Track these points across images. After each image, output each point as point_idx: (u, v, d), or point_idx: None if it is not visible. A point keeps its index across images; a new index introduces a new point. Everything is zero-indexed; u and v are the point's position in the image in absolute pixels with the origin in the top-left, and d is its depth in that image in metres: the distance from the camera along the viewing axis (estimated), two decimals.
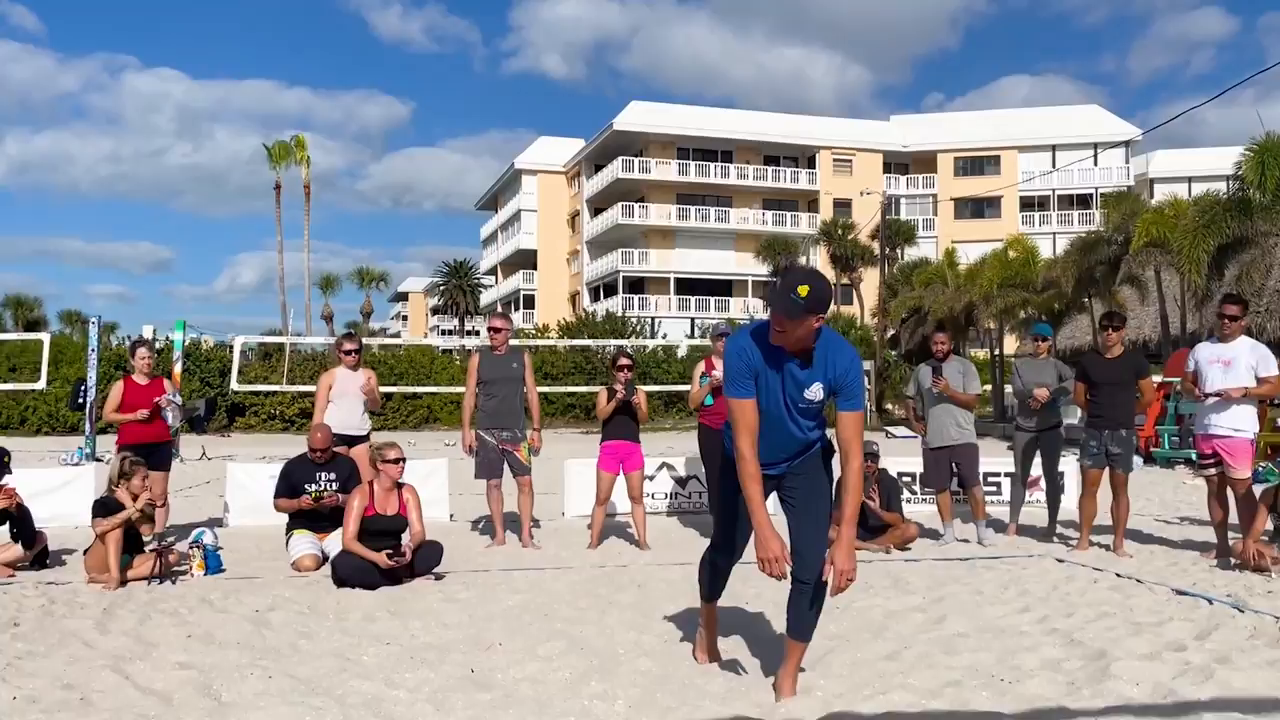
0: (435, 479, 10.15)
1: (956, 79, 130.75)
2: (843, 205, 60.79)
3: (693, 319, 58.31)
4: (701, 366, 8.64)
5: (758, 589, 6.34)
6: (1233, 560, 7.19)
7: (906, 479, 10.72)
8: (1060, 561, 7.44)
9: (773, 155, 63.38)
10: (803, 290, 3.72)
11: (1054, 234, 57.73)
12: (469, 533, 9.64)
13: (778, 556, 3.85)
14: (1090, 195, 61.58)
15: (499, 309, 74.15)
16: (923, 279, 36.34)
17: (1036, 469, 9.25)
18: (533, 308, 68.20)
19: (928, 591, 6.32)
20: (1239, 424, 7.22)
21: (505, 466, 8.48)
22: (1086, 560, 7.50)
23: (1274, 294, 21.83)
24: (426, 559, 6.95)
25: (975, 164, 63.71)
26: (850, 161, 62.96)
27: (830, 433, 4.12)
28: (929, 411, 8.59)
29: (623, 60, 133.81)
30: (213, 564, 7.24)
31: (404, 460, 7.10)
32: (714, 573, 4.65)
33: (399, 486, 7.09)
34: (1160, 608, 5.70)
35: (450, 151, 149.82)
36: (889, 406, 40.06)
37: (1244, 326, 7.43)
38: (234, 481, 10.11)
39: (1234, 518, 7.51)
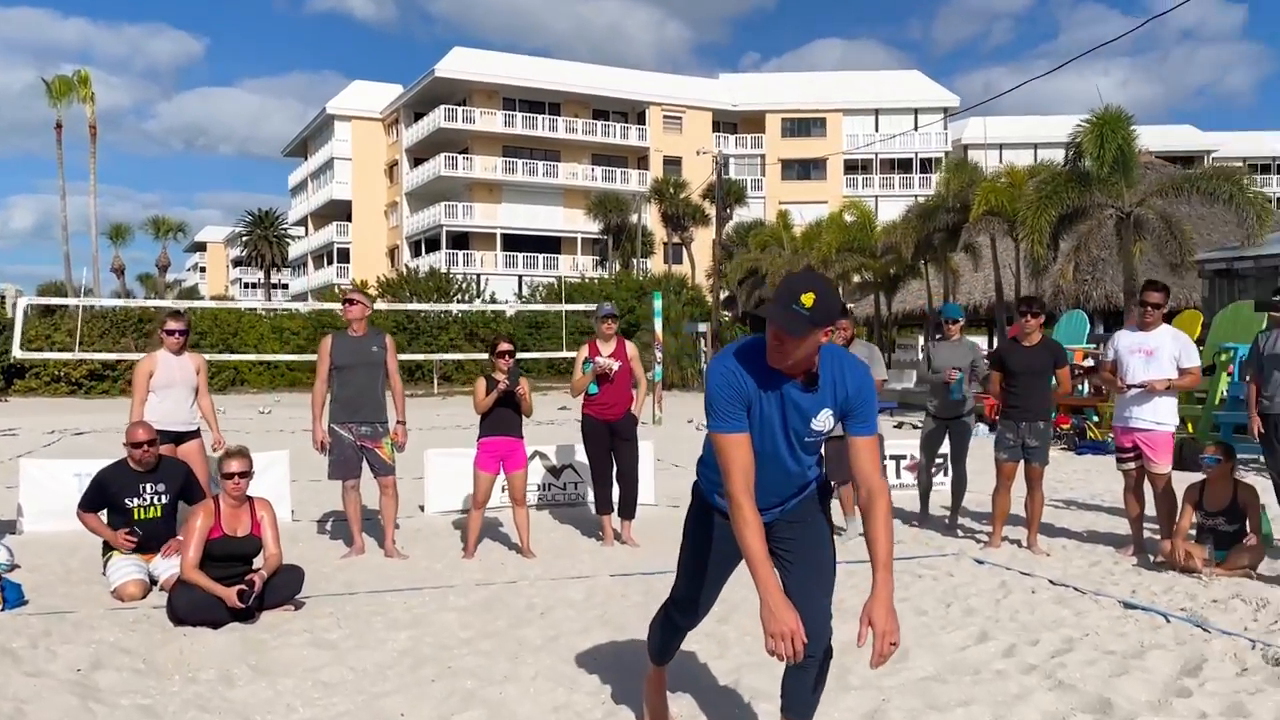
0: (274, 471, 8.96)
1: (773, 40, 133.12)
2: (673, 163, 60.70)
3: (520, 276, 57.17)
4: (584, 351, 7.84)
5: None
6: (1153, 558, 7.02)
7: None
8: (980, 563, 7.09)
9: (602, 110, 62.53)
10: (807, 299, 2.98)
11: (876, 197, 59.31)
12: (317, 535, 8.57)
13: (794, 631, 3.04)
14: (910, 160, 63.74)
15: (309, 262, 70.73)
16: (758, 241, 36.52)
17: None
18: (347, 262, 65.30)
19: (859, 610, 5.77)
20: (1161, 417, 7.01)
21: (364, 465, 7.49)
22: (1002, 559, 7.19)
23: (1103, 264, 22.72)
24: (285, 587, 5.93)
25: (802, 125, 64.75)
26: (680, 119, 62.83)
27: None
28: None
29: (435, 3, 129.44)
30: (11, 596, 5.98)
31: (251, 474, 6.02)
32: (670, 634, 3.89)
33: (249, 500, 6.02)
34: (1120, 628, 5.34)
35: (248, 92, 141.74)
36: None
37: (1164, 314, 7.21)
38: (29, 480, 8.66)
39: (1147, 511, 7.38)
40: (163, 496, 6.52)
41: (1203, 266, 19.02)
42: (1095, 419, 15.77)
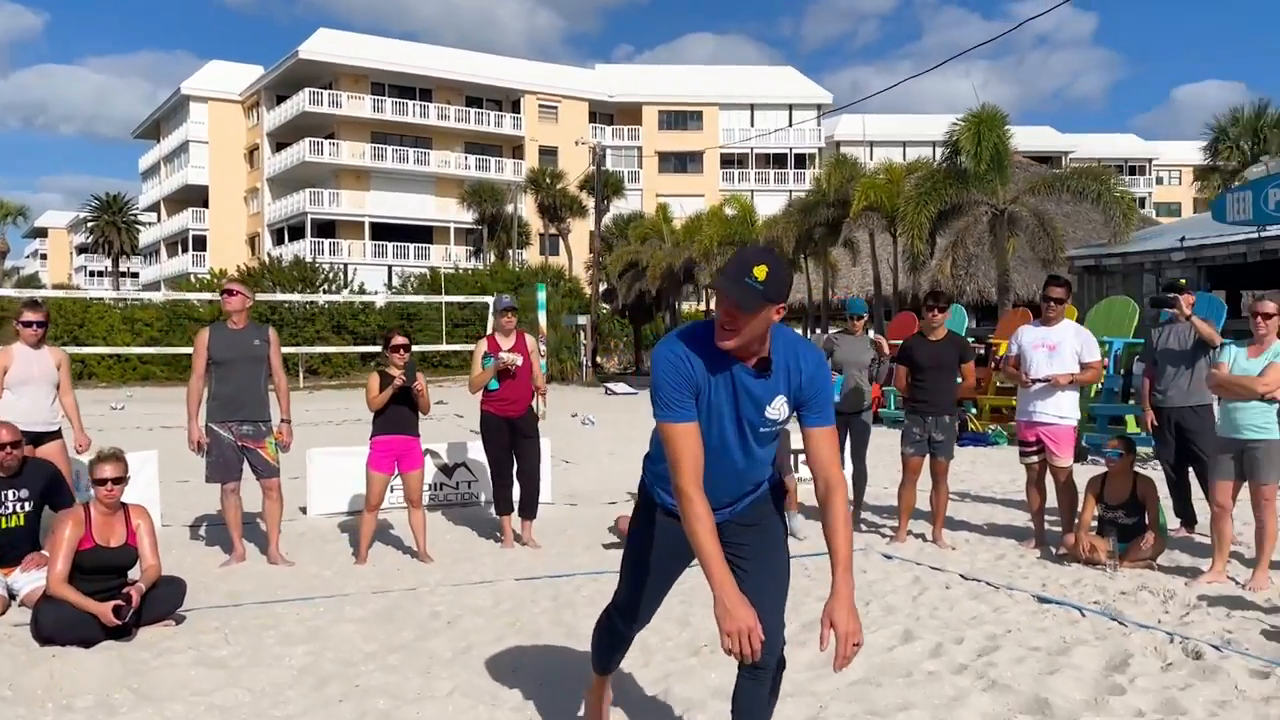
0: (144, 474, 8.37)
1: (645, 32, 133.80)
2: (549, 153, 60.24)
3: (390, 266, 55.85)
4: (483, 346, 7.57)
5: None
6: (1056, 551, 7.15)
7: None
8: (889, 558, 7.11)
9: (475, 97, 61.58)
10: (760, 272, 2.84)
11: (752, 191, 60.04)
12: (191, 542, 8.06)
13: (751, 628, 2.85)
14: (786, 155, 64.79)
15: (162, 249, 67.63)
16: (638, 233, 36.49)
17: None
18: (203, 250, 62.68)
19: (789, 611, 5.69)
20: (1064, 411, 7.15)
21: (244, 467, 7.06)
22: (910, 554, 7.23)
23: (976, 260, 23.42)
24: (165, 601, 5.51)
25: (679, 118, 65.12)
26: (556, 108, 62.39)
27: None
28: None
29: None
30: None
31: (126, 480, 5.56)
32: (613, 641, 3.72)
33: (124, 507, 5.56)
34: (1039, 623, 5.39)
35: (93, 71, 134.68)
36: (600, 361, 40.21)
37: (1066, 309, 7.36)
38: None
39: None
40: (25, 504, 5.98)
41: (1072, 263, 19.79)
42: (974, 411, 16.20)
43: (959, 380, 7.52)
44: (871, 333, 8.55)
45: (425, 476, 9.24)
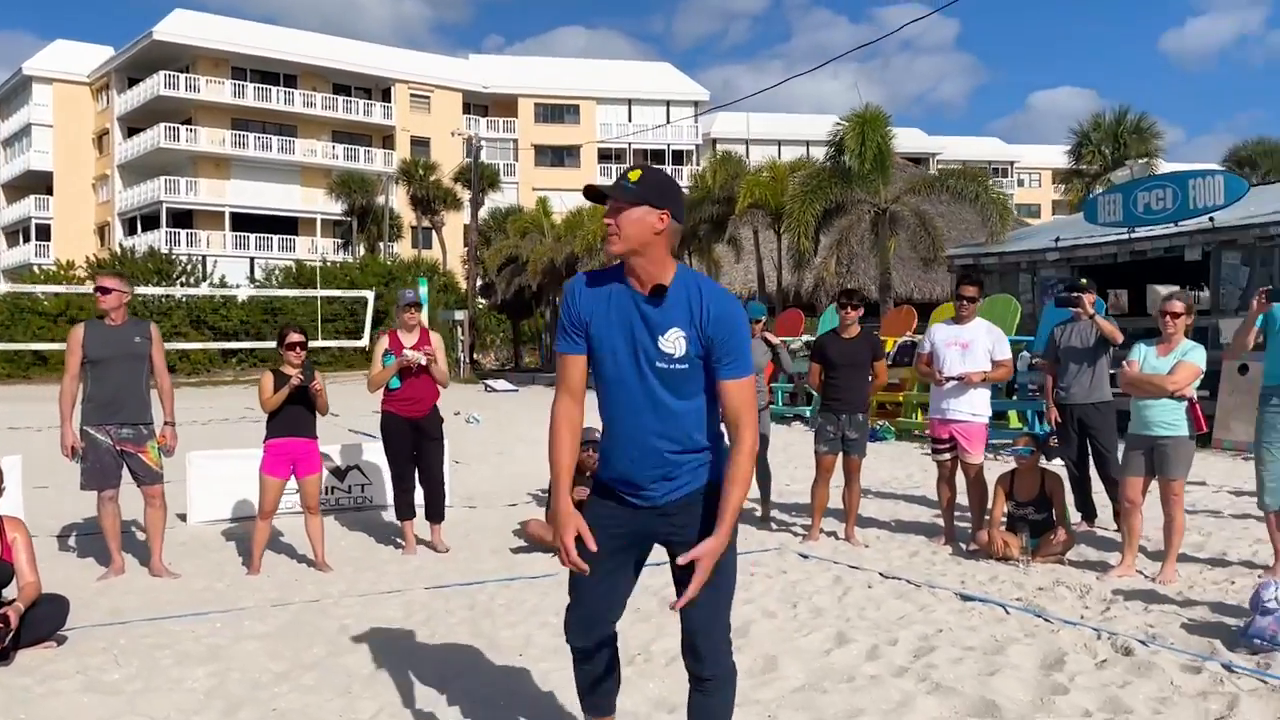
0: (7, 480, 7.76)
1: (516, 24, 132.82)
2: (421, 144, 59.17)
3: (253, 259, 53.96)
4: (384, 342, 7.27)
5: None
6: (966, 547, 7.27)
7: None
8: (805, 557, 7.10)
9: (343, 84, 60.04)
10: (633, 174, 2.99)
11: None
12: (60, 554, 7.53)
13: (566, 546, 3.05)
14: (663, 151, 65.11)
15: (2, 239, 63.77)
16: (518, 227, 36.10)
17: None
18: (47, 239, 59.42)
19: None
20: (976, 409, 7.26)
21: (123, 472, 6.61)
22: (825, 553, 7.24)
23: (857, 258, 23.88)
24: (46, 621, 5.09)
25: (555, 112, 64.77)
26: (428, 98, 61.29)
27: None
28: None
29: None
30: None
31: (2, 489, 5.11)
32: (579, 669, 3.38)
33: None
34: (967, 621, 5.42)
35: None
36: (477, 358, 39.66)
37: (978, 307, 7.49)
38: None
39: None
40: None
41: (952, 261, 20.36)
42: None
43: (871, 378, 7.58)
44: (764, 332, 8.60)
45: None
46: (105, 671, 4.75)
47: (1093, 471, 7.92)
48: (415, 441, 7.28)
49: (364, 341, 20.63)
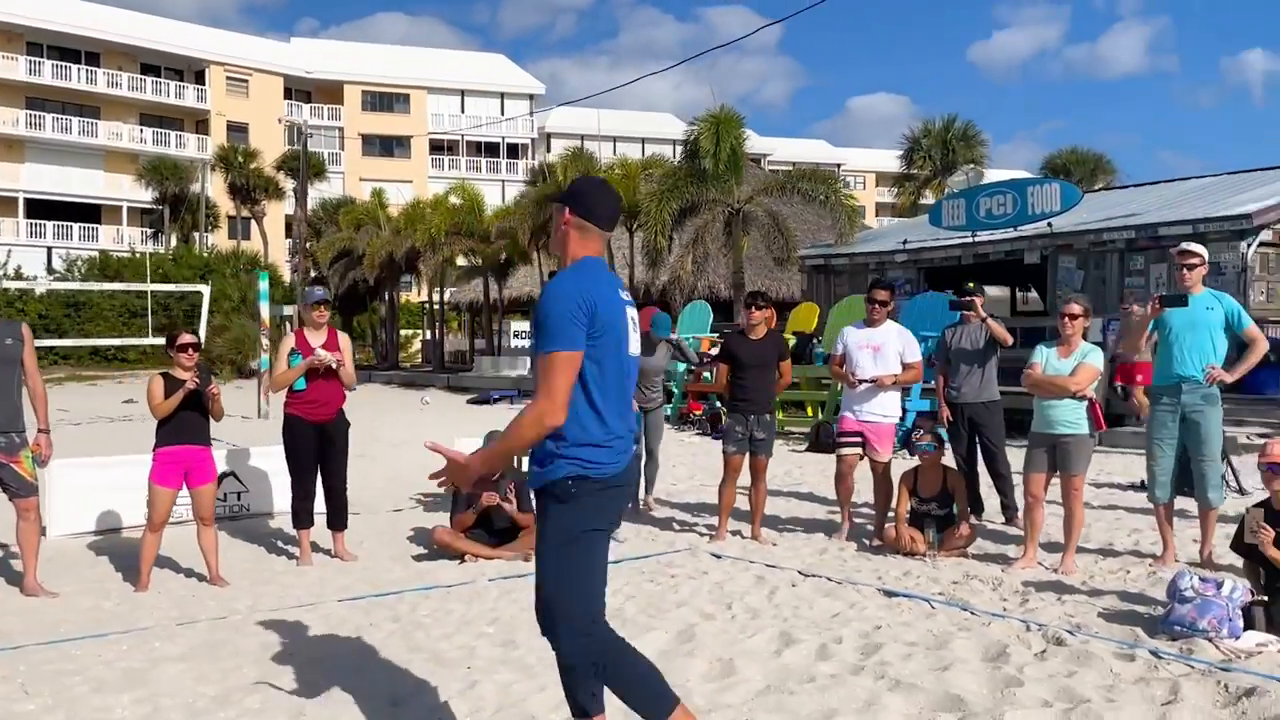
0: None
1: (332, 7, 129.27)
2: (239, 129, 56.74)
3: (51, 248, 50.59)
4: (290, 341, 6.99)
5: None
6: (870, 542, 7.53)
7: None
8: (718, 557, 7.21)
9: (152, 65, 56.88)
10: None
11: (463, 179, 59.35)
12: None
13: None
14: (498, 144, 64.54)
15: None
16: (350, 219, 35.10)
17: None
18: None
19: (648, 619, 5.63)
20: (887, 410, 7.53)
21: None
22: (735, 552, 7.37)
23: (709, 257, 24.29)
24: None
25: (384, 100, 63.25)
26: (246, 82, 58.80)
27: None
28: None
29: None
30: None
31: None
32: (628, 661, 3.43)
33: None
34: (899, 617, 5.61)
35: None
36: None
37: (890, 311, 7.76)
38: None
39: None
40: None
41: (803, 262, 21.01)
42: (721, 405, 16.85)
43: (777, 378, 7.75)
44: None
45: None
46: (16, 701, 4.40)
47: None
48: (319, 446, 7.01)
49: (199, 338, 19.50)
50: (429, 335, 38.89)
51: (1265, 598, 5.14)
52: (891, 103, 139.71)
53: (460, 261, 31.55)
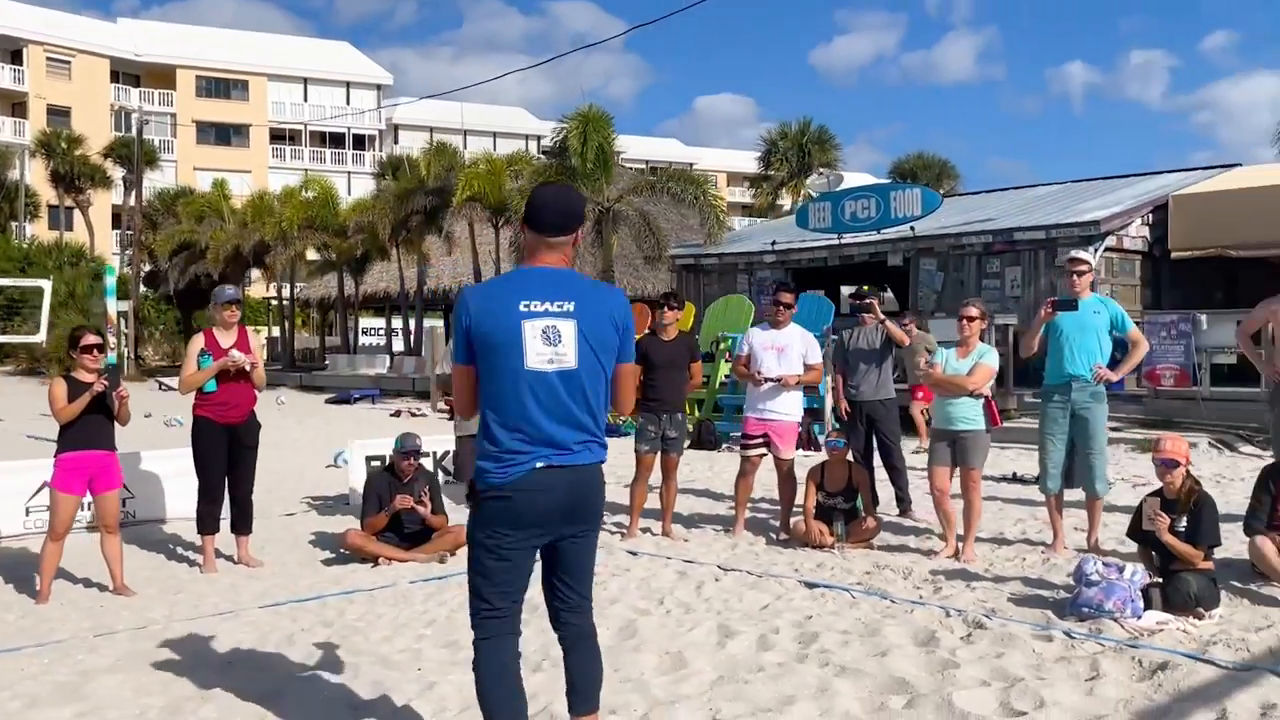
0: None
1: None
2: (60, 114, 53.83)
3: None
4: (199, 341, 6.82)
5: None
6: (776, 536, 7.85)
7: None
8: (634, 554, 7.39)
9: None
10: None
11: (305, 170, 57.87)
12: None
13: None
14: (343, 135, 63.05)
15: None
16: (191, 210, 33.80)
17: None
18: None
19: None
20: (790, 409, 7.85)
21: None
22: (650, 549, 7.56)
23: (582, 257, 24.46)
24: None
25: (221, 86, 61.01)
26: (69, 64, 55.85)
27: None
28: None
29: None
30: None
31: None
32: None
33: None
34: (826, 606, 5.89)
35: None
36: (141, 353, 36.71)
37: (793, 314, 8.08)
38: None
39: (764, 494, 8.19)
40: None
41: (673, 261, 21.40)
42: None
43: (688, 378, 7.99)
44: None
45: None
46: None
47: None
48: (230, 449, 6.87)
49: (40, 337, 18.63)
50: (276, 332, 37.77)
51: (1160, 580, 5.64)
52: (736, 104, 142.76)
53: (312, 256, 30.78)
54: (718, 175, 78.82)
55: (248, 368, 6.73)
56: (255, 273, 34.09)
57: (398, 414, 20.21)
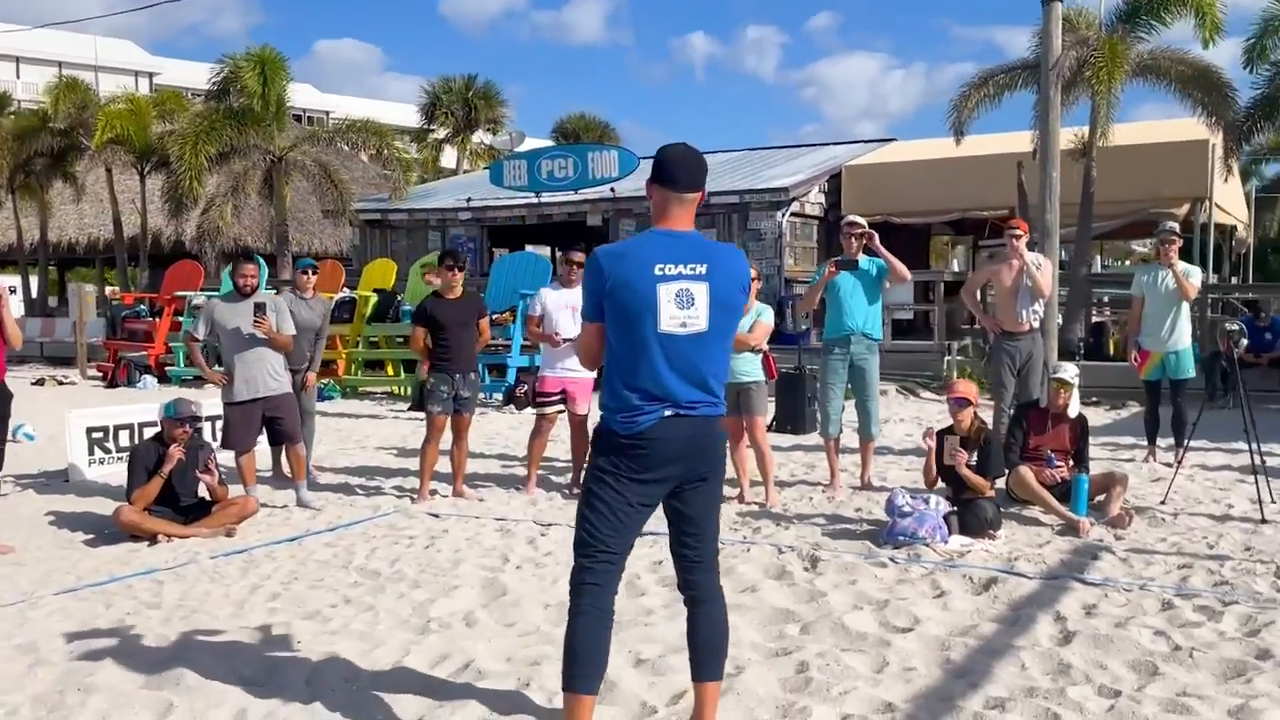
0: None
1: None
2: None
3: None
4: None
5: None
6: (574, 490, 8.18)
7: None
8: (436, 516, 7.44)
9: None
10: None
11: None
12: None
13: None
14: None
15: None
16: None
17: None
18: None
19: (435, 579, 5.83)
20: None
21: None
22: (450, 509, 7.63)
23: (250, 209, 23.13)
24: None
25: None
26: None
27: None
28: (237, 357, 7.61)
29: None
30: None
31: None
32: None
33: None
34: (664, 554, 6.32)
35: None
36: None
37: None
38: None
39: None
40: None
41: (356, 215, 20.83)
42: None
43: (477, 336, 8.10)
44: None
45: None
46: None
47: None
48: None
49: None
50: None
51: (956, 508, 6.56)
52: (361, 50, 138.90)
53: None
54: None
55: None
56: None
57: (40, 382, 18.38)
